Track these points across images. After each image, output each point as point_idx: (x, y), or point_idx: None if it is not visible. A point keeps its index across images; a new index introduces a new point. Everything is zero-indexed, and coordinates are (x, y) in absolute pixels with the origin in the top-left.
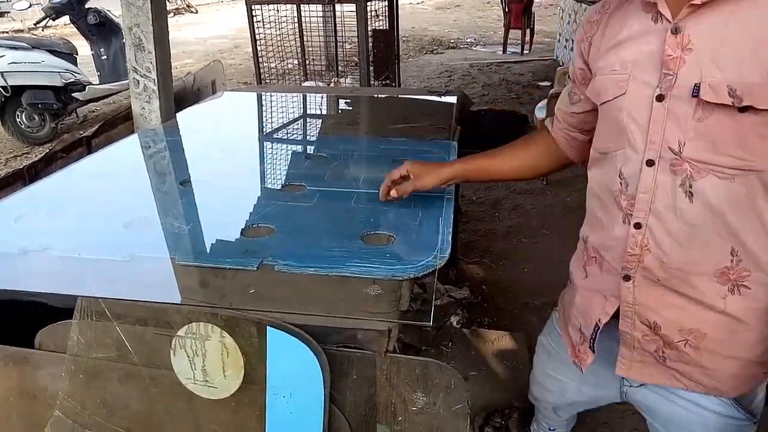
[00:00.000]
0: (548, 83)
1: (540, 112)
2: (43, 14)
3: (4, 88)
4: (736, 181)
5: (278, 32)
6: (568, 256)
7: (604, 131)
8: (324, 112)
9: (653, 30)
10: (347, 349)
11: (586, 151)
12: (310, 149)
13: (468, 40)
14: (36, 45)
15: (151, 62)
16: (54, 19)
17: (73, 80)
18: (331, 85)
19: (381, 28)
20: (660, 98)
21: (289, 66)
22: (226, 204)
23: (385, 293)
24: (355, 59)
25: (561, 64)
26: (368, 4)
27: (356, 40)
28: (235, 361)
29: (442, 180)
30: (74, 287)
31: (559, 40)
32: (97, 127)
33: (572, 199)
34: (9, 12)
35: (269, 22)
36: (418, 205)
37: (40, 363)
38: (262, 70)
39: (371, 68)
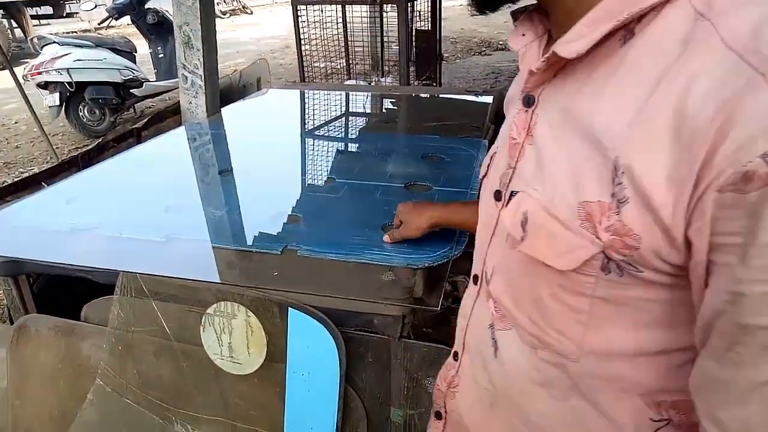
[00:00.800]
0: None
1: None
2: (106, 14)
3: (69, 83)
4: (538, 354)
5: (324, 32)
6: None
7: None
8: (361, 109)
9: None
10: (364, 333)
11: None
12: (344, 145)
13: None
14: (99, 43)
15: (198, 59)
16: (116, 19)
17: (131, 77)
18: (372, 84)
19: (424, 28)
20: (497, 196)
21: (335, 65)
22: (259, 192)
23: (400, 280)
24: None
25: None
26: (412, 5)
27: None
28: (259, 339)
29: (423, 231)
30: (115, 263)
31: None
32: (146, 119)
33: None
34: (78, 13)
35: (314, 23)
36: (441, 198)
37: (85, 335)
38: (307, 69)
39: (413, 68)
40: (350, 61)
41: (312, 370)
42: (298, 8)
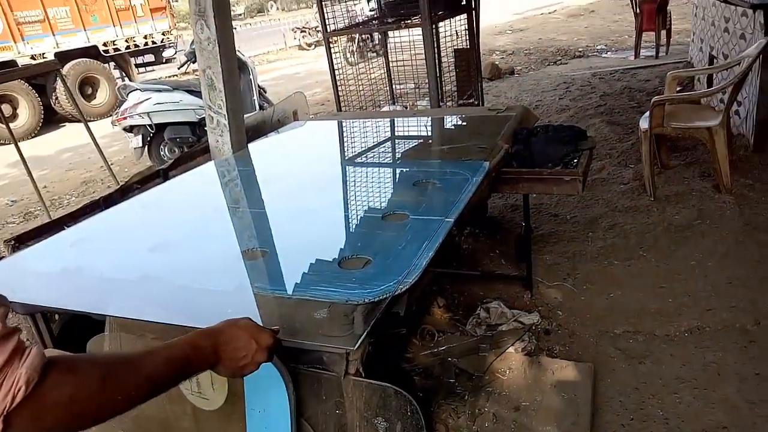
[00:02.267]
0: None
1: (644, 122)
2: (184, 59)
3: (150, 126)
4: None
5: (364, 59)
6: (664, 281)
7: None
8: (374, 136)
9: None
10: (312, 370)
11: None
12: (340, 174)
13: (598, 48)
14: (176, 87)
15: (221, 100)
16: (193, 62)
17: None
18: (408, 108)
19: (462, 47)
20: None
21: (377, 92)
22: (242, 228)
23: (337, 317)
24: (450, 78)
25: (693, 65)
26: (435, 26)
27: (447, 60)
28: (220, 377)
29: None
30: (97, 306)
31: (692, 39)
32: (173, 159)
33: (681, 217)
34: (174, 59)
35: (353, 51)
36: (415, 228)
37: None
38: (348, 98)
39: (452, 87)
40: (393, 86)
41: (266, 407)
42: (330, 40)
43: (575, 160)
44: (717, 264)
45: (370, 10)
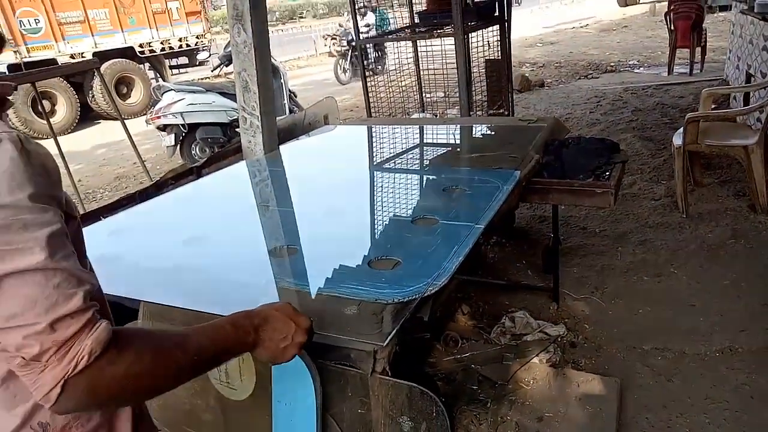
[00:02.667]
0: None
1: (677, 139)
2: (218, 62)
3: (182, 125)
4: None
5: (395, 65)
6: (696, 299)
7: None
8: (404, 142)
9: None
10: (339, 366)
11: None
12: (369, 178)
13: (630, 63)
14: (209, 88)
15: (255, 102)
16: (226, 66)
17: (236, 117)
18: (438, 116)
19: (493, 58)
20: None
21: (408, 98)
22: (272, 226)
23: (366, 315)
24: (481, 87)
25: (729, 83)
26: (480, 34)
27: (478, 70)
28: (249, 367)
29: None
30: (134, 292)
31: (729, 57)
32: (207, 158)
33: (714, 235)
34: (207, 62)
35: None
36: (444, 232)
37: None
38: (378, 104)
39: (482, 98)
40: (423, 94)
41: (293, 400)
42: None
43: (607, 173)
44: (751, 285)
45: (365, 25)
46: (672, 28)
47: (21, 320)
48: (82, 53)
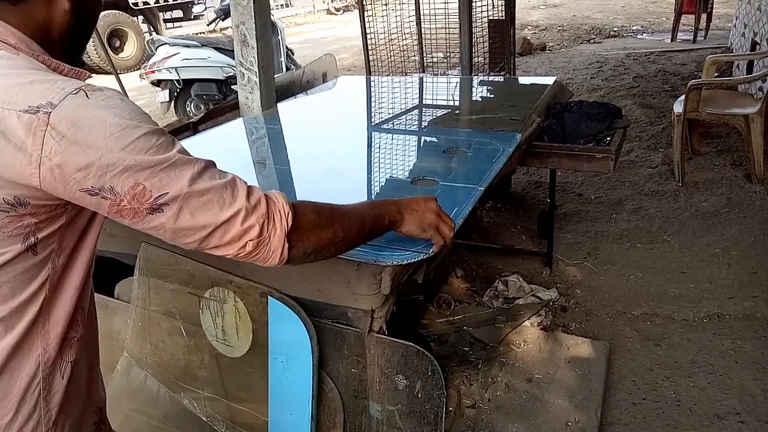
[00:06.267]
0: None
1: (678, 106)
2: (214, 16)
3: (177, 81)
4: None
5: (396, 25)
6: (687, 266)
7: None
8: (407, 100)
9: None
10: (336, 325)
11: None
12: (366, 135)
13: (634, 28)
14: (205, 43)
15: (253, 57)
16: (223, 20)
17: (232, 74)
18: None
19: (496, 18)
20: None
21: (407, 57)
22: (269, 184)
23: (365, 276)
24: (483, 49)
25: (734, 51)
26: None
27: (480, 31)
28: (246, 325)
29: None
30: (131, 247)
31: (734, 24)
32: (204, 113)
33: (709, 204)
34: (203, 15)
35: (383, 16)
36: (445, 194)
37: (115, 310)
38: (377, 64)
39: (483, 59)
40: (423, 54)
41: (289, 357)
42: (364, 2)
43: (608, 138)
44: (742, 253)
45: None
46: None
47: (227, 214)
48: None
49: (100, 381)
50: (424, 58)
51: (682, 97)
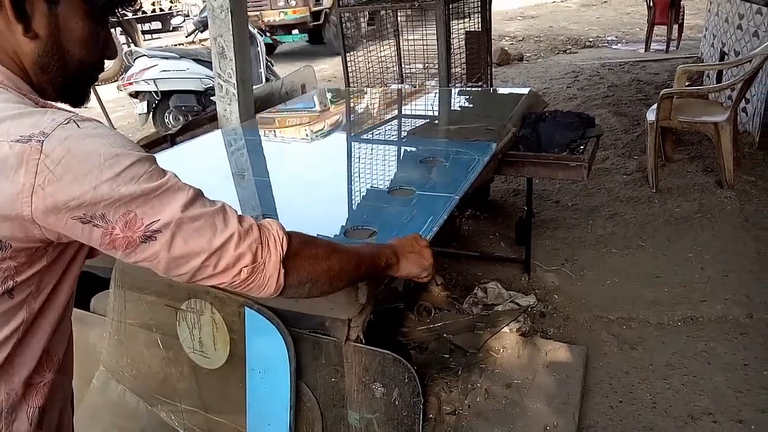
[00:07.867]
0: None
1: (651, 114)
2: (193, 27)
3: (155, 92)
4: None
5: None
6: (662, 271)
7: None
8: (386, 111)
9: None
10: (313, 334)
11: None
12: (344, 145)
13: (609, 38)
14: (183, 55)
15: (232, 69)
16: (202, 32)
17: (211, 85)
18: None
19: (473, 29)
20: None
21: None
22: (247, 196)
23: None
24: (460, 60)
25: (704, 60)
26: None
27: (458, 41)
28: (223, 336)
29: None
30: (108, 261)
31: (704, 35)
32: (182, 126)
33: (682, 209)
34: (181, 27)
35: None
36: (421, 203)
37: (91, 324)
38: (356, 75)
39: (460, 70)
40: (402, 65)
41: (267, 368)
42: (342, 15)
43: (582, 147)
44: (714, 257)
45: None
46: (651, 4)
47: (220, 240)
48: None
49: (70, 417)
50: (403, 69)
51: (655, 106)
